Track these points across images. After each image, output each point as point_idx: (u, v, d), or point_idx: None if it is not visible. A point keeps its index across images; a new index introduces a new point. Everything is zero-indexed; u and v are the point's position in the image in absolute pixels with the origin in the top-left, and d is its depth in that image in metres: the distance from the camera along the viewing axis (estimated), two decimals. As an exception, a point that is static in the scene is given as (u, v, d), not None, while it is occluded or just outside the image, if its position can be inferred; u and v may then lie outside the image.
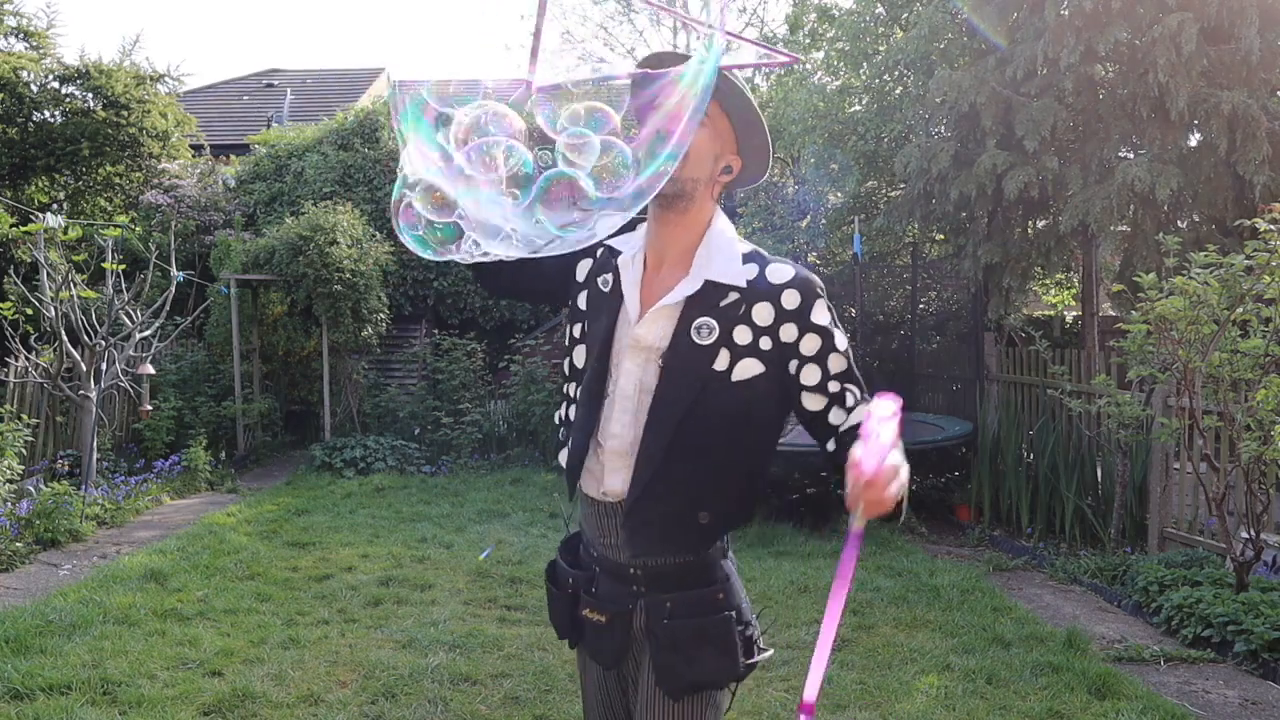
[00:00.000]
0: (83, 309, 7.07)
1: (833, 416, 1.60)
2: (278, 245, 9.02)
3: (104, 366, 7.04)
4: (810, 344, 1.59)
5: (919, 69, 8.08)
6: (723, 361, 1.58)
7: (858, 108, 9.77)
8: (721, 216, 1.69)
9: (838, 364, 1.61)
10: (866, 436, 1.35)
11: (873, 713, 3.52)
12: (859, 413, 1.57)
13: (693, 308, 1.60)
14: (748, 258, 1.64)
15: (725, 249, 1.64)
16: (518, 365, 9.43)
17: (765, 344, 1.59)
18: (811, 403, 1.61)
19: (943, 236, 9.26)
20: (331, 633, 4.30)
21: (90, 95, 10.88)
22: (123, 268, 7.34)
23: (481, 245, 1.41)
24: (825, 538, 6.10)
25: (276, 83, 17.22)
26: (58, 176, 11.16)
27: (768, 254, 1.67)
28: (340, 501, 7.21)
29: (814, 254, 10.43)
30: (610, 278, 1.70)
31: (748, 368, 1.58)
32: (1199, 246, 5.10)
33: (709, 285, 1.60)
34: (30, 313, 7.43)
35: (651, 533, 1.62)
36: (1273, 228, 4.28)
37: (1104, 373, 5.99)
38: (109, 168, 11.24)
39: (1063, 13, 6.38)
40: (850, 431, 1.55)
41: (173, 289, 7.70)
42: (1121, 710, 3.48)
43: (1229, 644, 4.09)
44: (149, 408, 7.76)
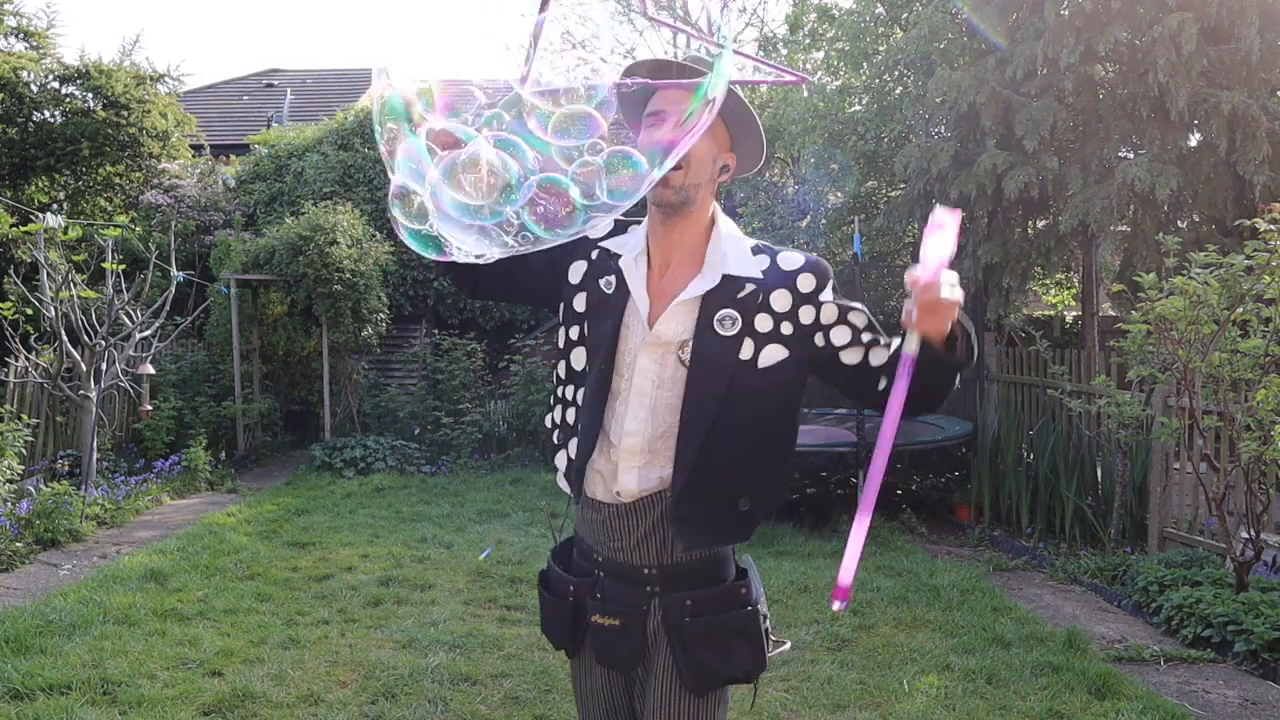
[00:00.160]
0: (83, 309, 7.07)
1: (874, 358, 1.65)
2: (278, 245, 9.02)
3: (104, 366, 7.05)
4: (829, 313, 1.65)
5: (919, 69, 8.08)
6: (748, 350, 1.62)
7: (858, 108, 9.77)
8: (722, 213, 1.73)
9: (860, 319, 1.67)
10: (922, 255, 1.40)
11: (873, 713, 3.52)
12: (895, 345, 1.62)
13: (712, 302, 1.64)
14: (756, 250, 1.70)
15: (735, 244, 1.69)
16: (518, 365, 9.43)
17: (786, 329, 1.64)
18: (850, 357, 1.65)
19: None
20: (331, 633, 4.30)
21: (90, 95, 10.88)
22: (123, 268, 7.34)
23: (475, 246, 1.42)
24: (825, 538, 6.10)
25: (276, 83, 17.22)
26: (58, 176, 11.17)
27: (773, 245, 1.72)
28: (340, 501, 7.21)
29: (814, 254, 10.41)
30: (614, 279, 1.71)
31: (772, 354, 1.63)
32: (1199, 246, 5.10)
33: (726, 279, 1.65)
34: (30, 313, 7.43)
35: (699, 524, 1.65)
36: (1273, 228, 4.28)
37: (1104, 373, 5.99)
38: (109, 168, 11.24)
39: (1063, 13, 6.38)
40: (894, 359, 1.59)
41: (173, 289, 7.70)
42: (1121, 710, 3.48)
43: (1229, 644, 4.09)
44: (149, 408, 7.76)
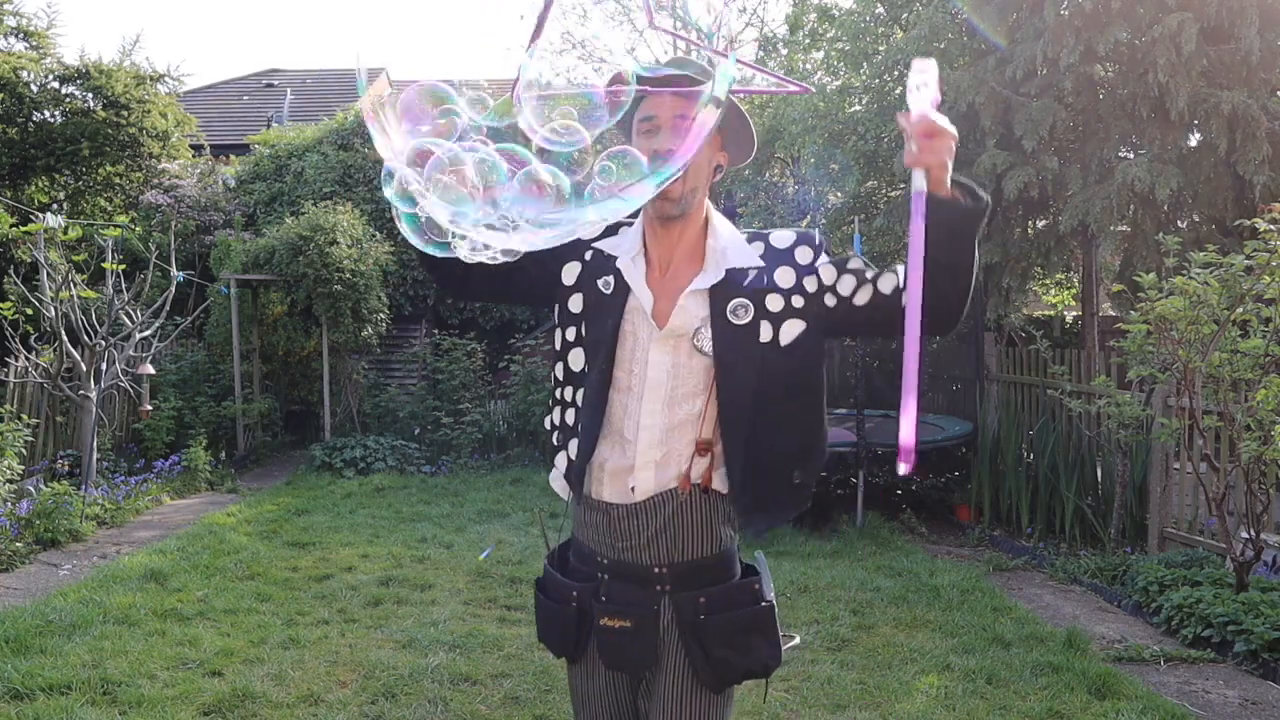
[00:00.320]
0: (83, 309, 7.07)
1: (883, 285, 1.66)
2: (278, 245, 9.02)
3: (104, 366, 7.05)
4: (829, 274, 1.69)
5: (919, 69, 8.07)
6: (767, 333, 1.65)
7: (858, 108, 9.76)
8: (714, 209, 1.76)
9: (857, 264, 1.71)
10: (910, 107, 1.44)
11: (873, 713, 3.52)
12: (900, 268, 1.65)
13: (720, 295, 1.67)
14: (750, 239, 1.74)
15: (733, 237, 1.73)
16: (518, 365, 9.44)
17: (798, 302, 1.67)
18: (862, 298, 1.68)
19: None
20: (331, 633, 4.30)
21: (90, 95, 10.89)
22: (123, 268, 7.34)
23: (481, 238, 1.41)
24: (825, 538, 6.10)
25: (276, 83, 17.22)
26: (58, 176, 11.17)
27: (761, 230, 1.77)
28: (340, 501, 7.21)
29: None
30: (612, 280, 1.71)
31: (792, 329, 1.66)
32: (1199, 246, 5.09)
33: (730, 272, 1.68)
34: (30, 313, 7.43)
35: (764, 509, 1.70)
36: (1273, 228, 4.28)
37: (1104, 373, 5.99)
38: (109, 168, 11.24)
39: (1062, 13, 6.38)
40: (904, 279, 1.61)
41: (173, 289, 7.70)
42: (1121, 710, 3.48)
43: (1229, 644, 4.09)
44: (149, 408, 7.76)
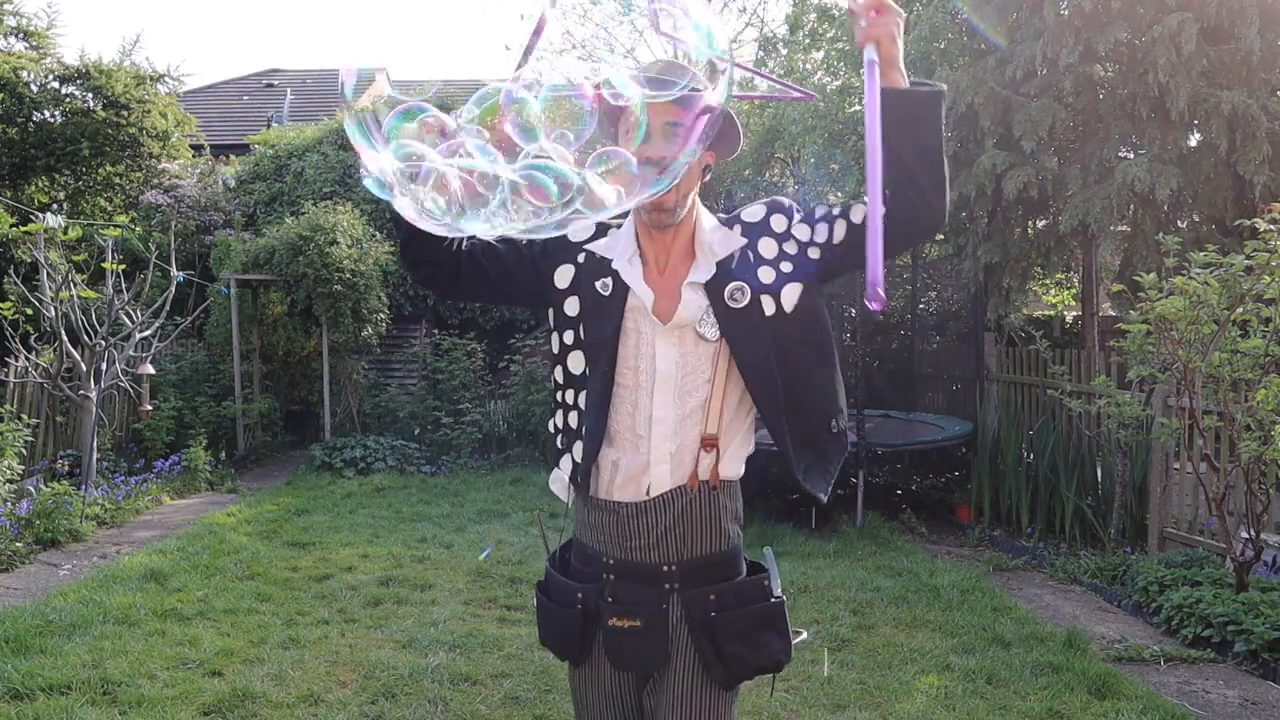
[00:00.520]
0: (83, 309, 7.07)
1: (854, 216, 1.71)
2: (278, 245, 9.02)
3: (104, 366, 7.05)
4: (804, 231, 1.74)
5: (919, 69, 8.07)
6: (769, 306, 1.69)
7: (858, 108, 9.76)
8: (699, 201, 1.80)
9: (825, 209, 1.76)
10: None
11: (873, 713, 3.52)
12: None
13: (716, 283, 1.70)
14: (728, 224, 1.78)
15: (716, 227, 1.76)
16: (518, 365, 9.44)
17: (787, 267, 1.71)
18: (839, 234, 1.72)
19: (942, 236, 9.25)
20: (331, 633, 4.30)
21: (90, 95, 10.88)
22: (123, 268, 7.34)
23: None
24: (825, 538, 6.10)
25: (276, 83, 17.23)
26: (58, 176, 11.17)
27: (731, 212, 1.81)
28: (340, 501, 7.21)
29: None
30: (610, 281, 1.72)
31: (791, 294, 1.70)
32: (1199, 246, 5.09)
33: (721, 261, 1.72)
34: (30, 313, 7.44)
35: (817, 466, 1.76)
36: (1273, 228, 4.28)
37: (1104, 373, 5.99)
38: (109, 168, 11.24)
39: (1062, 13, 6.37)
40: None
41: (173, 289, 7.70)
42: (1121, 710, 3.48)
43: (1229, 644, 4.09)
44: (149, 408, 7.76)
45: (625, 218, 1.75)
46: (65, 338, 6.88)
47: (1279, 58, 6.13)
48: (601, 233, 1.77)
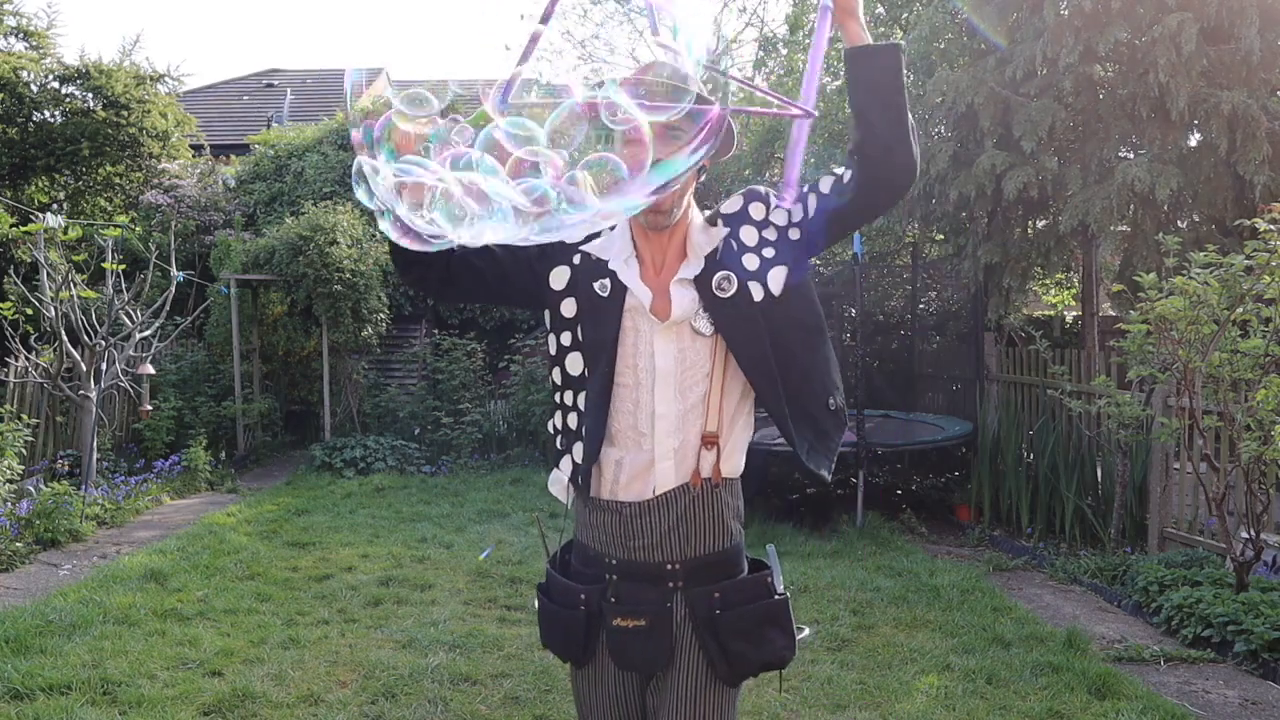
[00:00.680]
0: (83, 309, 7.07)
1: (822, 185, 1.74)
2: (278, 245, 9.03)
3: (104, 366, 7.05)
4: (782, 215, 1.76)
5: (919, 69, 8.08)
6: (758, 292, 1.70)
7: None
8: (692, 200, 1.82)
9: (795, 191, 1.77)
10: None
11: (873, 713, 3.52)
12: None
13: (704, 277, 1.72)
14: (710, 221, 1.79)
15: (703, 225, 1.77)
16: (518, 365, 9.44)
17: (769, 252, 1.73)
18: (813, 206, 1.74)
19: (942, 237, 9.25)
20: (331, 633, 4.30)
21: (90, 95, 10.89)
22: (123, 268, 7.35)
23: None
24: (825, 538, 6.10)
25: (276, 83, 17.23)
26: (58, 176, 11.17)
27: (711, 208, 1.82)
28: (340, 501, 7.21)
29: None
30: (608, 282, 1.73)
31: (778, 276, 1.71)
32: (1199, 246, 5.09)
33: (708, 256, 1.73)
34: (30, 313, 7.44)
35: (820, 441, 1.77)
36: (1273, 228, 4.28)
37: (1104, 373, 5.99)
38: (109, 168, 11.24)
39: (1062, 13, 6.37)
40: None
41: (173, 289, 7.70)
42: (1121, 710, 3.48)
43: (1229, 644, 4.09)
44: (149, 408, 7.76)
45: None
46: (65, 338, 6.88)
47: (1279, 58, 6.13)
48: (595, 234, 1.76)
